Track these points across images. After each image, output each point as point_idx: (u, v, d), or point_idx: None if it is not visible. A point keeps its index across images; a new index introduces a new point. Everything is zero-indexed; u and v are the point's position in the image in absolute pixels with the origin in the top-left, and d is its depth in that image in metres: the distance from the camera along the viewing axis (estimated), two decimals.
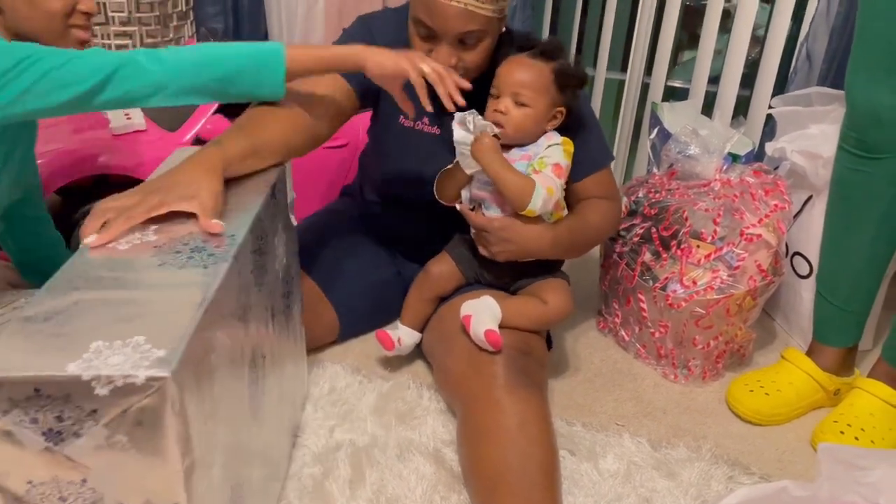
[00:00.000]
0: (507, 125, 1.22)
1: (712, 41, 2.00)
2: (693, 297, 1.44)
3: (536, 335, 1.34)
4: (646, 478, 1.25)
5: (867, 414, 1.34)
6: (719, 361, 1.55)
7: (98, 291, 0.78)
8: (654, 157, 1.83)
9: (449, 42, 1.21)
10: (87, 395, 0.66)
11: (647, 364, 1.58)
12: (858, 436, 1.32)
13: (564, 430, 1.35)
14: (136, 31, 2.15)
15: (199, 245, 0.88)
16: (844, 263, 1.41)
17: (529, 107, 1.22)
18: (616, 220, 1.44)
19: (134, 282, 0.80)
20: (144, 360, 0.66)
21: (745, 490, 0.93)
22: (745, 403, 1.42)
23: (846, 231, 1.40)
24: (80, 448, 0.68)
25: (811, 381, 1.44)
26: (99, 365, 0.66)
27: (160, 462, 0.69)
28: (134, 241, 0.89)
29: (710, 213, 1.51)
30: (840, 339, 1.45)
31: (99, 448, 0.68)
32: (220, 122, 1.76)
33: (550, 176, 1.20)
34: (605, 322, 1.67)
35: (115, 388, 0.66)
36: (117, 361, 0.66)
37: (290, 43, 2.38)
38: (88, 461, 0.69)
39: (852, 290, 1.42)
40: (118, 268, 0.83)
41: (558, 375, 1.53)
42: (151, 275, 0.82)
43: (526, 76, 1.21)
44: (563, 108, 1.26)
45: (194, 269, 0.82)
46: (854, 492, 0.90)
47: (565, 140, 1.26)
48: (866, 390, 1.36)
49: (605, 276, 1.64)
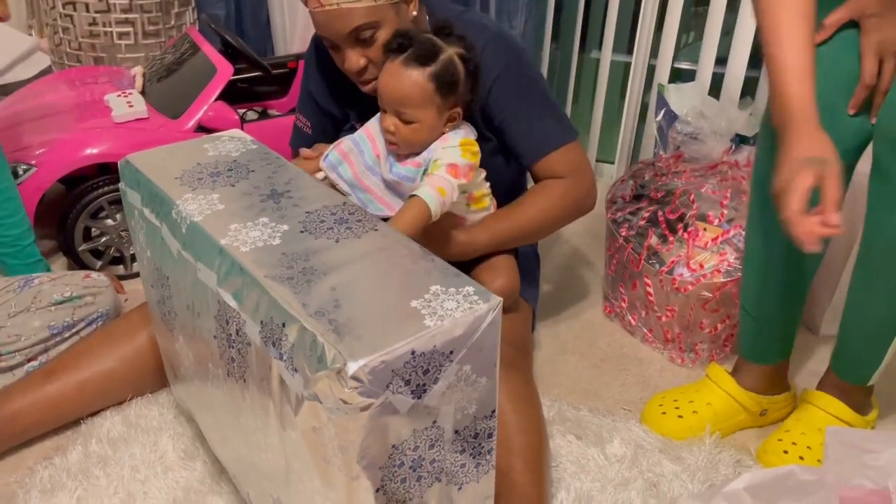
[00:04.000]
0: (399, 142, 1.15)
1: (719, 21, 1.98)
2: (700, 281, 1.43)
3: (503, 317, 1.28)
4: (653, 462, 1.25)
5: (815, 430, 1.24)
6: (727, 345, 1.54)
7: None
8: (660, 140, 1.82)
9: (348, 45, 1.17)
10: (448, 340, 0.73)
11: (653, 348, 1.57)
12: (804, 454, 1.23)
13: (571, 415, 1.35)
14: (137, 18, 2.14)
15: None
16: (767, 274, 1.25)
17: (416, 122, 1.13)
18: (577, 198, 1.31)
19: None
20: (472, 298, 0.77)
21: (752, 474, 0.93)
22: (657, 426, 1.32)
23: (767, 239, 1.22)
24: (436, 393, 0.75)
25: (731, 401, 1.32)
26: (439, 308, 0.75)
27: (491, 377, 0.80)
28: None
29: (717, 195, 1.49)
30: (765, 357, 1.33)
31: (450, 386, 0.76)
32: (221, 108, 1.75)
33: (443, 176, 1.12)
34: (612, 307, 1.66)
35: (468, 325, 0.74)
36: (452, 306, 0.75)
37: (290, 31, 2.37)
38: (439, 402, 0.76)
39: (776, 303, 1.27)
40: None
41: (564, 360, 1.53)
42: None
43: (403, 91, 1.11)
44: (457, 109, 1.16)
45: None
46: (862, 475, 0.89)
47: (465, 142, 1.17)
48: (813, 404, 1.27)
49: (611, 260, 1.63)
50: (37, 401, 1.24)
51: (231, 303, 0.84)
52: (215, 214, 0.92)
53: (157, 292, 1.09)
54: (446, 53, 1.12)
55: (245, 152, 1.10)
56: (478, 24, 1.27)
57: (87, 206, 1.67)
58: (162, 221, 0.99)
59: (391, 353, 0.69)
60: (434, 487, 0.81)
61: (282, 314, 0.76)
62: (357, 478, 0.74)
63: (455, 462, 0.82)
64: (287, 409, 0.78)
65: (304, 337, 0.73)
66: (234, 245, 0.86)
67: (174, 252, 0.96)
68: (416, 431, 0.76)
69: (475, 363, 0.77)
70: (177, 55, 1.93)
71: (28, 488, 1.17)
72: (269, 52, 2.48)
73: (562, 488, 1.19)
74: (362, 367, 0.68)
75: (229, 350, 0.88)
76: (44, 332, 1.35)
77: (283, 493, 0.92)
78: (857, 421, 1.26)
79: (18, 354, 1.34)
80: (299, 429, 0.77)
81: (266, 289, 0.78)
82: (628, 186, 1.65)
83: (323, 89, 1.38)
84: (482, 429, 0.83)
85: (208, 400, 1.07)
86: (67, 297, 1.39)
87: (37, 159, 1.62)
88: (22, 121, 1.76)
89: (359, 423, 0.71)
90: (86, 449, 1.23)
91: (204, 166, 1.05)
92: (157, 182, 1.01)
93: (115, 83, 1.91)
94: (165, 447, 1.24)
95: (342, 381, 0.68)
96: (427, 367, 0.73)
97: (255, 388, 0.85)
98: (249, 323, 0.81)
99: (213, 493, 1.16)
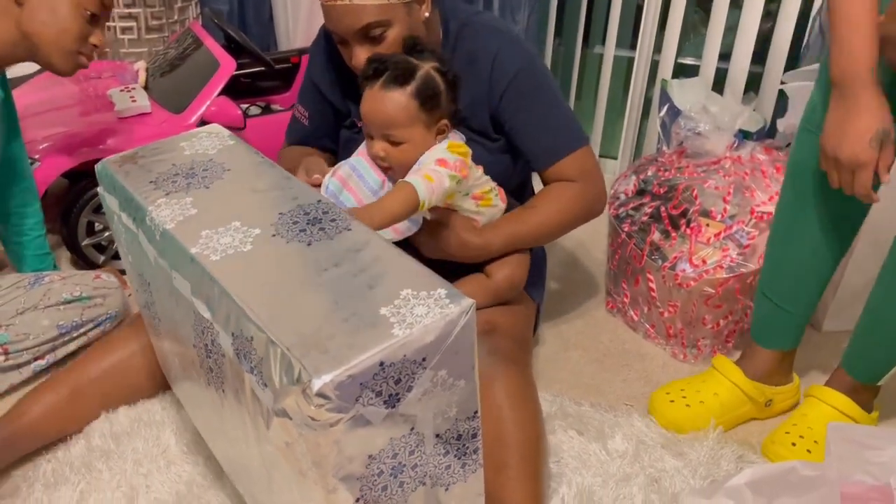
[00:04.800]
0: (392, 165, 1.15)
1: (723, 16, 1.97)
2: (702, 277, 1.43)
3: (506, 309, 1.28)
4: (655, 457, 1.25)
5: (821, 425, 1.24)
6: (729, 340, 1.54)
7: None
8: (663, 135, 1.81)
9: (357, 42, 1.17)
10: (418, 347, 0.71)
11: (656, 344, 1.57)
12: (811, 448, 1.24)
13: (573, 410, 1.35)
14: (140, 12, 2.15)
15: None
16: (791, 258, 1.28)
17: (405, 142, 1.13)
18: (587, 202, 1.31)
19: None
20: (443, 302, 0.74)
21: (754, 469, 0.93)
22: (663, 415, 1.33)
23: (797, 223, 1.25)
24: (411, 400, 0.73)
25: (737, 391, 1.34)
26: (408, 315, 0.72)
27: (470, 379, 0.78)
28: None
29: (720, 191, 1.49)
30: (776, 342, 1.34)
31: (426, 392, 0.74)
32: (224, 103, 1.75)
33: (432, 167, 1.12)
34: (614, 302, 1.66)
35: (439, 331, 0.72)
36: (422, 312, 0.72)
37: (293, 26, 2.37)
38: (415, 409, 0.74)
39: (796, 288, 1.29)
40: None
41: (566, 356, 1.53)
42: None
43: (388, 114, 1.11)
44: (445, 122, 1.16)
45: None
46: (864, 471, 0.89)
47: (452, 144, 1.16)
48: (821, 399, 1.28)
49: (614, 255, 1.63)
50: (57, 409, 1.23)
51: (205, 314, 0.82)
52: (187, 220, 0.90)
53: (143, 296, 1.08)
54: (423, 70, 1.12)
55: (222, 149, 1.06)
56: (492, 28, 1.26)
57: (90, 200, 1.67)
58: (138, 227, 0.96)
59: (357, 366, 0.67)
60: (419, 491, 0.80)
61: (249, 326, 0.73)
62: (334, 490, 0.72)
63: (439, 465, 0.81)
64: (260, 422, 0.76)
65: (270, 350, 0.71)
66: (205, 254, 0.83)
67: (151, 259, 0.94)
68: (394, 440, 0.74)
69: (451, 367, 0.74)
70: (180, 50, 1.93)
71: (31, 482, 1.17)
72: (272, 47, 2.48)
73: (563, 483, 1.19)
74: (328, 384, 0.65)
75: (207, 360, 0.87)
76: (52, 332, 1.35)
77: (268, 500, 0.91)
78: (863, 418, 1.27)
79: (26, 353, 1.34)
80: (273, 443, 0.76)
81: (234, 299, 0.76)
82: (631, 182, 1.64)
83: (327, 79, 1.37)
84: (465, 430, 0.81)
85: (198, 402, 1.06)
86: (77, 296, 1.39)
87: (40, 154, 1.62)
88: (25, 115, 1.76)
89: (330, 439, 0.68)
90: (89, 443, 1.23)
91: (179, 167, 1.01)
92: (130, 188, 0.98)
93: (118, 78, 1.92)
94: (168, 441, 1.24)
95: (308, 399, 0.66)
96: (398, 376, 0.70)
97: (233, 398, 0.84)
98: (222, 334, 0.79)
99: (216, 487, 1.16)
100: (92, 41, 1.29)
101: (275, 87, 2.13)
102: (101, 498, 1.15)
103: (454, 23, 1.27)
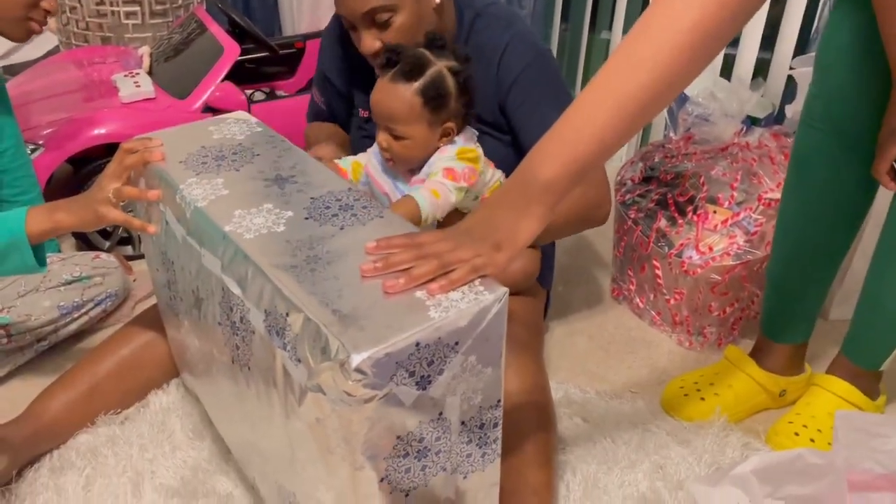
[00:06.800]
0: (394, 157, 1.15)
1: None
2: (709, 264, 1.42)
3: (519, 297, 1.28)
4: (660, 444, 1.25)
5: (825, 413, 1.24)
6: (735, 328, 1.53)
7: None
8: (670, 121, 1.80)
9: (364, 26, 1.16)
10: (452, 330, 0.72)
11: (661, 331, 1.57)
12: (815, 437, 1.23)
13: (578, 398, 1.34)
14: None
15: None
16: (797, 254, 1.28)
17: (407, 138, 1.12)
18: (584, 208, 1.23)
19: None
20: (477, 288, 0.76)
21: (759, 457, 0.92)
22: (677, 410, 1.32)
23: (803, 214, 1.24)
24: (441, 383, 0.74)
25: (752, 383, 1.33)
26: (444, 299, 0.74)
27: (497, 366, 0.79)
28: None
29: (727, 177, 1.48)
30: (788, 336, 1.34)
31: (455, 377, 0.75)
32: (229, 88, 1.74)
33: (438, 180, 1.11)
34: (620, 289, 1.66)
35: (472, 316, 0.73)
36: (457, 297, 0.74)
37: (298, 11, 2.36)
38: (444, 392, 0.75)
39: (804, 284, 1.29)
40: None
41: (572, 343, 1.53)
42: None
43: (392, 108, 1.10)
44: (451, 125, 1.14)
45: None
46: (871, 459, 0.88)
47: (462, 150, 1.15)
48: (824, 387, 1.28)
49: (620, 242, 1.62)
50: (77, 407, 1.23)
51: (235, 290, 0.83)
52: (220, 200, 0.92)
53: (163, 276, 1.09)
54: (435, 67, 1.10)
55: (250, 135, 1.09)
56: (503, 20, 1.24)
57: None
58: (166, 206, 0.98)
59: (395, 344, 0.68)
60: (439, 476, 0.81)
61: (286, 303, 0.75)
62: (361, 468, 0.73)
63: (461, 452, 0.82)
64: (291, 399, 0.78)
65: (307, 327, 0.72)
66: (239, 232, 0.85)
67: (179, 237, 0.95)
68: (422, 423, 0.75)
69: (481, 354, 0.76)
70: (184, 35, 1.92)
71: (37, 466, 1.18)
72: (277, 32, 2.47)
73: (568, 470, 1.19)
74: (366, 360, 0.67)
75: (234, 337, 0.88)
76: (54, 312, 1.36)
77: (288, 480, 0.92)
78: (867, 405, 1.26)
79: (28, 334, 1.35)
80: (303, 419, 0.77)
81: (270, 277, 0.77)
82: (637, 168, 1.63)
83: (335, 67, 1.37)
84: (488, 419, 0.82)
85: (214, 385, 1.06)
86: (77, 276, 1.39)
87: (44, 139, 1.62)
88: (29, 101, 1.76)
89: (362, 415, 0.70)
90: (94, 428, 1.23)
91: (209, 149, 1.04)
92: (159, 165, 1.00)
93: (122, 63, 1.91)
94: (174, 427, 1.25)
95: (346, 374, 0.67)
96: (432, 358, 0.72)
97: (260, 376, 0.85)
98: (254, 311, 0.80)
99: (221, 472, 1.17)
100: (43, 6, 1.28)
101: (279, 72, 2.12)
102: (106, 483, 1.15)
103: (469, 12, 1.25)
